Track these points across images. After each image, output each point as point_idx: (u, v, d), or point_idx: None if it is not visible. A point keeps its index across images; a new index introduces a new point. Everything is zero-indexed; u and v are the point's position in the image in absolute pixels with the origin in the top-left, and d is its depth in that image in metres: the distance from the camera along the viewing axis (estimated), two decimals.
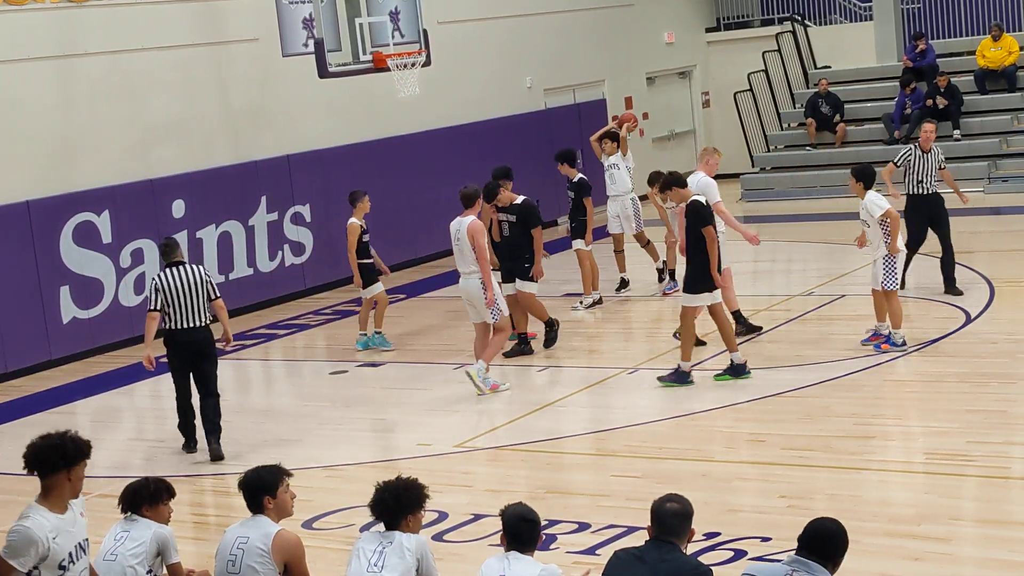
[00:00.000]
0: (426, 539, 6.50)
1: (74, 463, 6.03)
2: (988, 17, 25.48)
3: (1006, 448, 10.00)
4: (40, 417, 13.73)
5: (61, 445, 6.00)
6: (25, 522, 5.92)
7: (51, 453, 5.98)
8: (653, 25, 26.09)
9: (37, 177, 15.98)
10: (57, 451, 5.99)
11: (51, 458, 5.99)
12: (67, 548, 6.00)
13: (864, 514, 8.86)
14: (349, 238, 14.68)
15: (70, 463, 6.01)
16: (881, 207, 12.56)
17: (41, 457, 6.00)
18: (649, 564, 5.75)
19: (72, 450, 6.01)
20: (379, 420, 12.56)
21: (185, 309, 11.45)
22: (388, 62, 16.09)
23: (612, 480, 10.07)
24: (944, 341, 13.00)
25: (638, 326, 15.56)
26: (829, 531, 5.73)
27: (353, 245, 14.66)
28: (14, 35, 15.87)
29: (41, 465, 6.01)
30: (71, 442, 6.03)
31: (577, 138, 23.57)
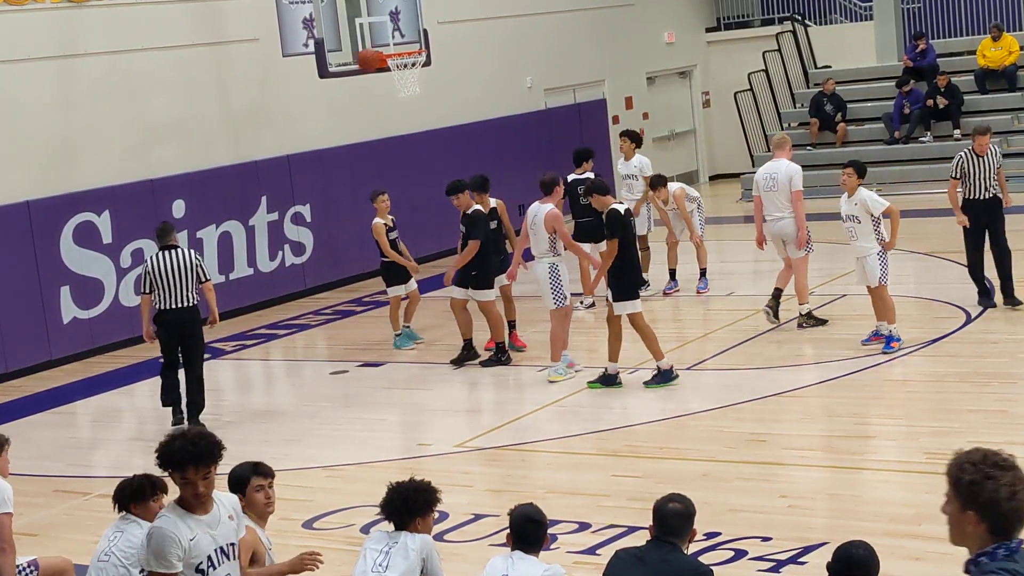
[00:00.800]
0: (432, 540, 6.51)
1: (204, 463, 5.55)
2: (988, 17, 25.48)
3: (1006, 448, 9.91)
4: (41, 417, 13.74)
5: (192, 443, 5.55)
6: (158, 522, 5.58)
7: (181, 452, 5.54)
8: (653, 25, 26.08)
9: (37, 177, 15.98)
10: (187, 450, 5.54)
11: (181, 457, 5.55)
12: (206, 551, 5.54)
13: (864, 514, 8.87)
14: (379, 240, 14.57)
15: (200, 462, 5.52)
16: (882, 203, 12.53)
17: (173, 456, 5.56)
18: (650, 564, 5.75)
19: (204, 448, 5.55)
20: (379, 420, 12.55)
21: (173, 290, 12.19)
22: (388, 62, 16.08)
23: (612, 480, 10.07)
24: (944, 341, 13.00)
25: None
26: (860, 559, 5.38)
27: (386, 244, 14.53)
28: (14, 35, 15.87)
29: (173, 464, 5.57)
30: (202, 440, 5.60)
31: (577, 138, 23.60)
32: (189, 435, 5.58)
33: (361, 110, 19.81)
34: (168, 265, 12.16)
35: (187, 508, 5.55)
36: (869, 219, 12.50)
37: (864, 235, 12.57)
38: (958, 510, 4.05)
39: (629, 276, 12.15)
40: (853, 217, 12.58)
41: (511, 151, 21.81)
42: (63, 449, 12.52)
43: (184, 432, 5.63)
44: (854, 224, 12.61)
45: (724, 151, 27.35)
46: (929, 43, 24.34)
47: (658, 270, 16.92)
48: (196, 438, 5.55)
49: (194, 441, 5.52)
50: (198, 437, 5.56)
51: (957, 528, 4.10)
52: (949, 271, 16.36)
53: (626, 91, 25.37)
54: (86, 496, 10.84)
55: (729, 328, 14.49)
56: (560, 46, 23.77)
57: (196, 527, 5.52)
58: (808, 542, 8.22)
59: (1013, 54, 23.43)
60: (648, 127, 25.73)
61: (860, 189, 12.55)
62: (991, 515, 3.95)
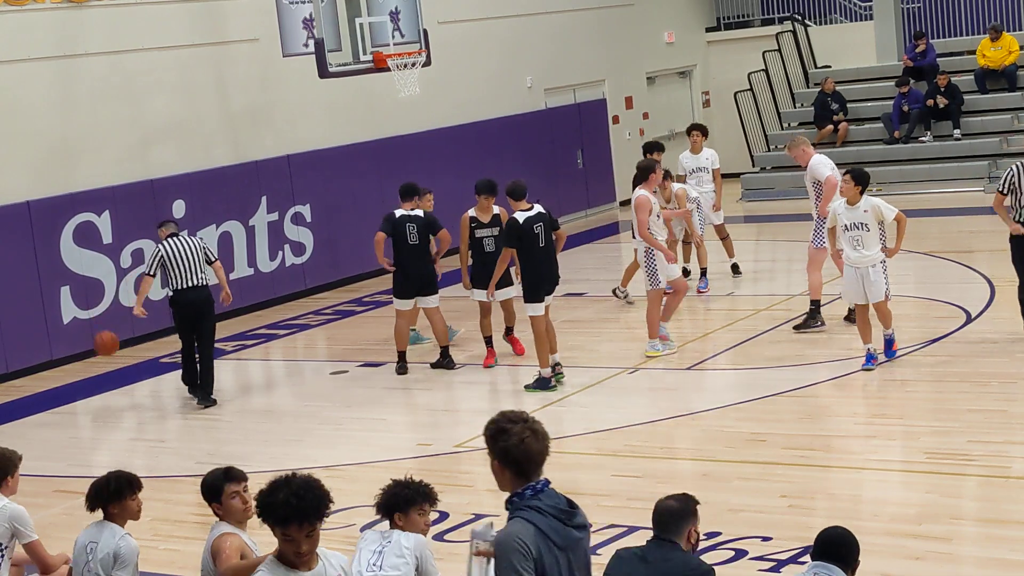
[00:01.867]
0: (426, 539, 6.52)
1: (309, 520, 4.90)
2: (988, 16, 25.49)
3: (1006, 448, 10.00)
4: (41, 417, 13.75)
5: (297, 496, 4.87)
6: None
7: (284, 507, 4.86)
8: (653, 25, 26.08)
9: (37, 177, 15.98)
10: (291, 504, 4.85)
11: (285, 513, 4.85)
12: None
13: (865, 514, 8.87)
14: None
15: (305, 519, 4.87)
16: (893, 209, 12.14)
17: (274, 510, 4.88)
18: (651, 563, 5.76)
19: (310, 503, 4.89)
20: (379, 420, 12.55)
21: (187, 272, 13.16)
22: (388, 62, 16.08)
23: (613, 480, 10.07)
24: (944, 341, 13.00)
25: (638, 326, 15.54)
26: (841, 536, 5.82)
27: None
28: (14, 35, 15.87)
29: (274, 519, 4.90)
30: (308, 493, 4.91)
31: (577, 138, 23.63)
32: (293, 486, 4.92)
33: (361, 110, 19.81)
34: (177, 250, 13.16)
35: (288, 564, 4.95)
36: (878, 227, 12.07)
37: (871, 243, 12.06)
38: (491, 462, 4.73)
39: (530, 280, 12.67)
40: (861, 225, 12.06)
41: (511, 151, 21.81)
42: (63, 449, 12.53)
43: (288, 481, 4.96)
44: (861, 232, 12.08)
45: (724, 151, 27.06)
46: (929, 43, 24.34)
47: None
48: (301, 490, 4.90)
49: (299, 494, 4.88)
50: (304, 489, 4.91)
51: (496, 478, 4.73)
52: (949, 271, 16.37)
53: (626, 91, 25.37)
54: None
55: (729, 328, 14.50)
56: (560, 46, 23.77)
57: None
58: (808, 542, 8.16)
59: (1013, 54, 23.44)
60: (648, 127, 25.74)
61: (866, 196, 12.12)
62: (509, 462, 4.64)
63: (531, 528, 4.54)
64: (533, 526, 4.54)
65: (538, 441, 4.65)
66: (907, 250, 17.19)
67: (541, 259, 12.66)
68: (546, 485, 4.65)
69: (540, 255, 12.65)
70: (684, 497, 5.97)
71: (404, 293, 13.76)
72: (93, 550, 6.83)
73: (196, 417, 13.31)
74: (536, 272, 12.67)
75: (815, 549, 5.84)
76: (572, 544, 4.62)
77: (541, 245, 12.63)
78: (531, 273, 12.67)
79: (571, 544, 4.62)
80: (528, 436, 4.63)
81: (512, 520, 4.59)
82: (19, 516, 7.52)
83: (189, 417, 13.41)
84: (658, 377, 12.98)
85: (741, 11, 27.80)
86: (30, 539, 7.57)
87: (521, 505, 4.60)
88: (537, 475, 4.63)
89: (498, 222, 13.73)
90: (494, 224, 13.71)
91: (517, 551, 4.48)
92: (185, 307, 13.27)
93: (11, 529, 7.50)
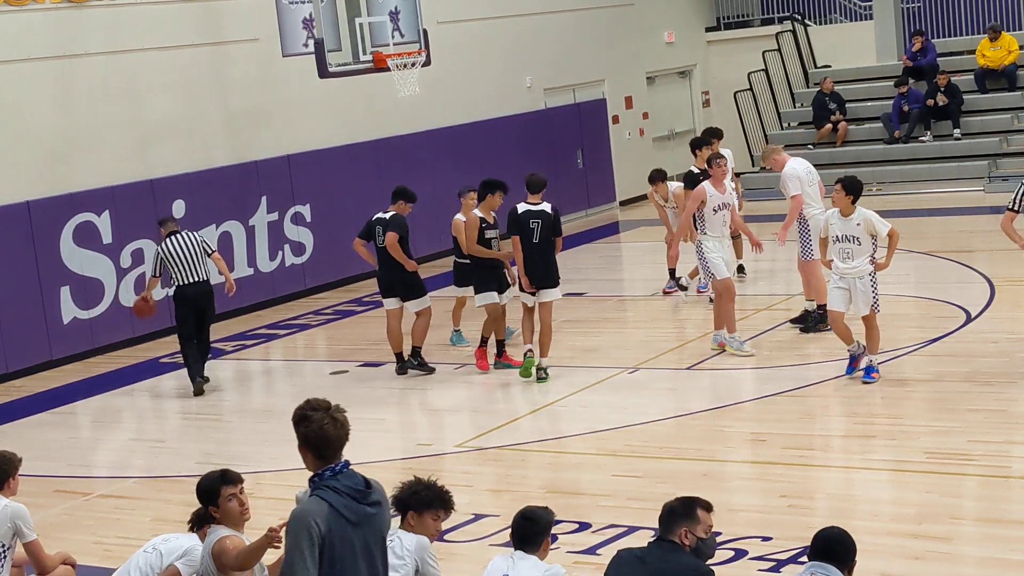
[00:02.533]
0: (427, 541, 6.51)
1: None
2: (988, 16, 25.48)
3: (1007, 447, 10.00)
4: (41, 417, 13.75)
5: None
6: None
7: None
8: (653, 25, 26.08)
9: (37, 177, 15.98)
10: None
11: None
12: None
13: (865, 513, 8.88)
14: (458, 236, 13.97)
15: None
16: (887, 224, 11.72)
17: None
18: (648, 564, 5.75)
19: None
20: (379, 420, 12.55)
21: (188, 268, 13.62)
22: (388, 62, 16.08)
23: (613, 480, 10.07)
24: (944, 340, 12.99)
25: (638, 326, 15.55)
26: (837, 536, 5.84)
27: (463, 241, 13.79)
28: (14, 35, 15.87)
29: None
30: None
31: (577, 138, 23.63)
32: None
33: (361, 110, 19.81)
34: (178, 247, 13.61)
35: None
36: (870, 240, 11.69)
37: (861, 256, 11.71)
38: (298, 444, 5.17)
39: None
40: (852, 238, 11.71)
41: (511, 151, 21.81)
42: (63, 449, 12.52)
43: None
44: (852, 245, 11.70)
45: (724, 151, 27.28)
46: (929, 42, 24.34)
47: (658, 269, 16.94)
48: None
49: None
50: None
51: (303, 459, 5.17)
52: (949, 271, 16.37)
53: (626, 91, 25.37)
54: (86, 496, 10.85)
55: None
56: (560, 46, 23.77)
57: None
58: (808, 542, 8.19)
59: (1012, 53, 23.44)
60: (648, 127, 25.75)
61: (860, 208, 11.73)
62: (309, 445, 5.12)
63: (325, 505, 5.06)
64: (327, 504, 5.07)
65: (336, 428, 5.12)
66: (907, 250, 17.23)
67: (531, 254, 12.75)
68: (345, 467, 5.15)
69: (531, 250, 12.74)
70: (686, 499, 5.95)
71: (382, 293, 13.97)
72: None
73: (196, 417, 13.31)
74: (525, 266, 12.77)
75: (812, 549, 5.84)
76: (366, 519, 5.16)
77: (535, 241, 12.71)
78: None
79: (365, 519, 5.16)
80: (327, 423, 5.11)
81: (310, 498, 5.12)
82: (21, 514, 7.54)
83: (189, 417, 13.41)
84: (658, 377, 12.98)
85: (741, 11, 27.80)
86: (30, 538, 7.58)
87: (320, 485, 5.11)
88: (336, 458, 5.13)
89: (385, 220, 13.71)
90: (495, 225, 13.61)
91: (306, 531, 5.01)
92: (188, 301, 13.71)
93: (13, 528, 7.52)
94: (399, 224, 13.54)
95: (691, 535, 5.83)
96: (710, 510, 5.96)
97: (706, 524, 5.90)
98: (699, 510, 5.90)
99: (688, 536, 5.83)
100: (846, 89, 25.09)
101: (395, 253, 13.41)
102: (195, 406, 13.53)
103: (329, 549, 5.03)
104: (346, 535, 5.08)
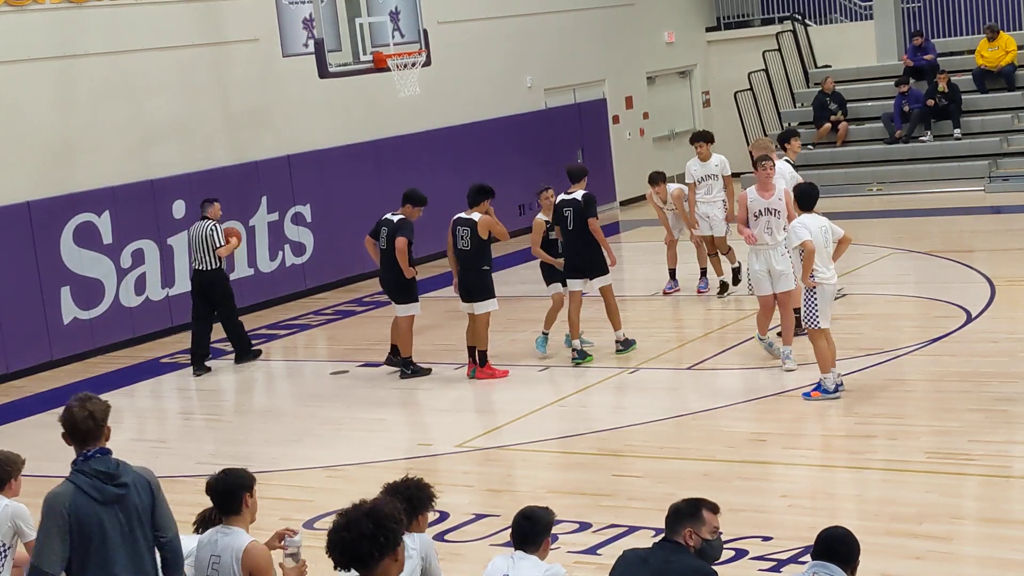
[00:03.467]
0: (431, 539, 6.51)
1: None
2: (988, 16, 25.48)
3: (1007, 447, 10.00)
4: (41, 418, 13.73)
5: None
6: None
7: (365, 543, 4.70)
8: (653, 24, 26.08)
9: (38, 178, 15.98)
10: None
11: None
12: None
13: (865, 513, 8.88)
14: (533, 237, 13.93)
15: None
16: (800, 236, 11.27)
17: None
18: (650, 565, 5.74)
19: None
20: (379, 420, 12.55)
21: (195, 254, 14.79)
22: (388, 62, 16.09)
23: (613, 480, 10.07)
24: (945, 340, 12.99)
25: (638, 326, 15.55)
26: (841, 536, 5.79)
27: (536, 242, 13.84)
28: (14, 36, 15.87)
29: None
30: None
31: (577, 138, 23.62)
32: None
33: (361, 110, 19.81)
34: (193, 234, 14.84)
35: None
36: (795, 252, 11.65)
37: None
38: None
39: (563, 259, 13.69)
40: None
41: (511, 151, 21.81)
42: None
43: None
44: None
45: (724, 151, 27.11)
46: (930, 42, 24.34)
47: (658, 269, 16.94)
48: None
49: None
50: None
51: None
52: (949, 271, 16.36)
53: (626, 91, 25.37)
54: None
55: (729, 328, 14.49)
56: (560, 46, 23.77)
57: None
58: (808, 542, 8.15)
59: (1010, 53, 23.43)
60: (648, 127, 25.74)
61: (802, 216, 11.49)
62: (65, 432, 5.84)
63: (71, 487, 5.71)
64: (74, 486, 5.71)
65: (83, 415, 5.78)
66: (908, 250, 17.25)
67: (569, 241, 13.48)
68: (99, 453, 5.85)
69: (568, 237, 13.49)
70: (693, 500, 5.94)
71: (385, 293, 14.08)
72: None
73: (196, 418, 13.32)
74: (566, 254, 13.54)
75: (815, 548, 5.82)
76: (115, 499, 5.81)
77: (569, 228, 13.41)
78: (563, 254, 13.68)
79: (114, 499, 5.81)
80: (76, 410, 5.80)
81: (62, 483, 5.74)
82: (22, 514, 7.55)
83: (189, 418, 13.42)
84: (658, 377, 12.98)
85: (741, 11, 27.79)
86: (31, 538, 7.58)
87: (73, 469, 5.78)
88: (89, 444, 5.83)
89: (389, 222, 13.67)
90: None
91: (55, 513, 5.66)
92: (193, 284, 15.09)
93: (14, 528, 7.52)
94: (410, 229, 13.55)
95: (696, 536, 5.81)
96: (716, 512, 5.92)
97: (712, 526, 5.86)
98: (705, 511, 5.87)
99: (693, 537, 5.81)
100: (846, 89, 25.09)
101: (400, 258, 13.44)
102: (196, 407, 13.53)
103: (78, 527, 5.65)
104: (94, 513, 5.71)
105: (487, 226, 13.14)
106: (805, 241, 11.20)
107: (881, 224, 20.18)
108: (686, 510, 5.87)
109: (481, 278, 13.19)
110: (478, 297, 13.15)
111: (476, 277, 13.16)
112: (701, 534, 5.81)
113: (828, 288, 11.29)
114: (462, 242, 13.18)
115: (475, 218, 13.11)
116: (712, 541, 5.84)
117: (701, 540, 5.81)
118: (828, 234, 11.40)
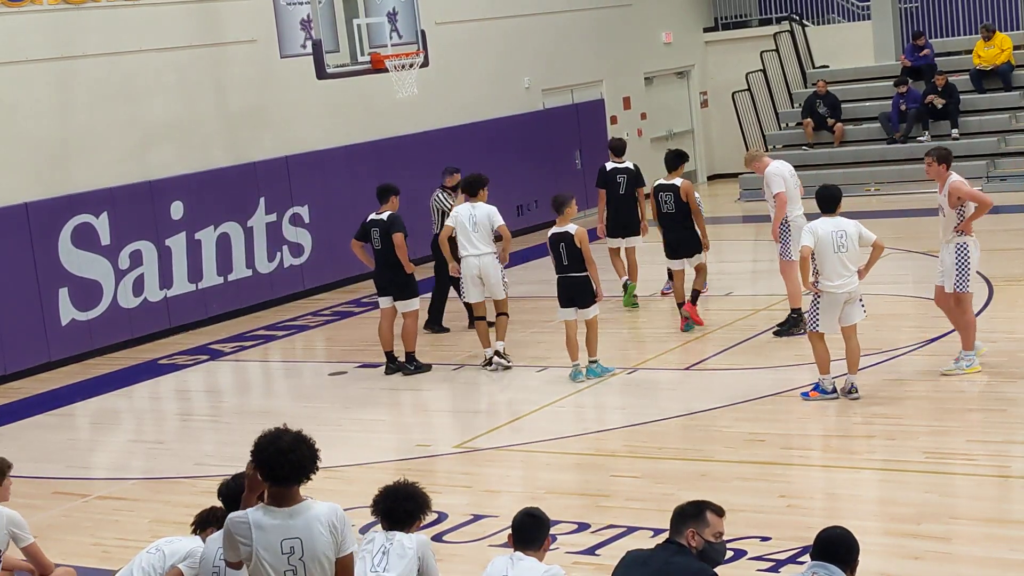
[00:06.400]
0: (428, 539, 6.52)
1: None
2: (985, 16, 25.49)
3: (1006, 447, 10.00)
4: (39, 419, 13.73)
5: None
6: None
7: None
8: (651, 25, 26.08)
9: (35, 179, 15.97)
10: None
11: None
12: None
13: (864, 513, 8.88)
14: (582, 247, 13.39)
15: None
16: (801, 241, 11.30)
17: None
18: (652, 566, 5.74)
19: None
20: (378, 421, 12.55)
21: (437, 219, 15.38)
22: (386, 63, 16.08)
23: (612, 480, 10.07)
24: (944, 340, 12.98)
25: (638, 326, 15.55)
26: (841, 536, 5.81)
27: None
28: (12, 37, 15.85)
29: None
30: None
31: (575, 138, 23.62)
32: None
33: (359, 111, 19.81)
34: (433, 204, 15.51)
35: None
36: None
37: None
38: None
39: (609, 220, 15.96)
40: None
41: (509, 152, 21.80)
42: (62, 451, 12.51)
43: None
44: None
45: (722, 151, 27.35)
46: (928, 42, 24.35)
47: (658, 269, 16.92)
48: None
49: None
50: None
51: None
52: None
53: (624, 91, 25.37)
54: (85, 498, 10.83)
55: (729, 328, 14.48)
56: (558, 46, 23.77)
57: None
58: (808, 542, 8.15)
59: (1005, 52, 23.45)
60: (646, 127, 25.74)
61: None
62: None
63: None
64: None
65: None
66: (907, 250, 17.24)
67: (618, 205, 15.87)
68: None
69: (618, 201, 15.85)
70: (698, 501, 5.93)
71: (378, 291, 14.00)
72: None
73: (194, 419, 13.31)
74: (612, 215, 15.85)
75: (815, 549, 5.82)
76: None
77: (620, 193, 15.74)
78: (609, 215, 15.90)
79: None
80: None
81: None
82: (16, 520, 7.54)
83: (187, 419, 13.41)
84: (658, 377, 12.98)
85: (739, 11, 27.80)
86: (28, 542, 7.58)
87: None
88: None
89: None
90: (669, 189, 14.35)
91: None
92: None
93: (9, 535, 7.51)
94: (403, 224, 13.61)
95: (698, 537, 5.79)
96: (721, 515, 5.89)
97: (715, 528, 5.84)
98: (708, 513, 5.85)
99: (695, 538, 5.79)
100: (844, 89, 25.10)
101: (401, 254, 13.45)
102: (194, 407, 13.52)
103: None
104: None
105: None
106: (803, 247, 11.18)
107: (879, 224, 20.01)
108: (690, 511, 5.86)
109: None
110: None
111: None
112: (704, 536, 5.79)
113: (837, 295, 11.15)
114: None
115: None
116: (715, 544, 5.82)
117: (703, 542, 5.79)
118: (844, 239, 11.09)
